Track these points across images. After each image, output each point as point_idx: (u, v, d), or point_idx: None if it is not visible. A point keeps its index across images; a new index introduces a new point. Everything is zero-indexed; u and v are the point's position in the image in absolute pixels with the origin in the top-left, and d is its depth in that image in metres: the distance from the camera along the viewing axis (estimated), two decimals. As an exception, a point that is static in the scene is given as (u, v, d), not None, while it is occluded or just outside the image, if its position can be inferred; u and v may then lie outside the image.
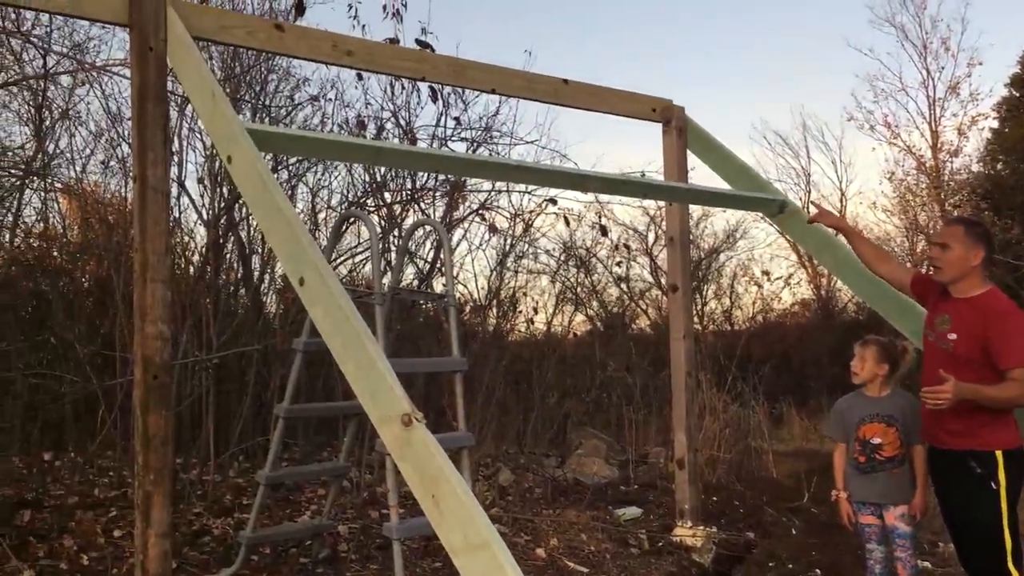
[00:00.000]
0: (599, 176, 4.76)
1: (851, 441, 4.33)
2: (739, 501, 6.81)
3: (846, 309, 20.47)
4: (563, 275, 12.19)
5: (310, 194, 7.61)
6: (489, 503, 6.07)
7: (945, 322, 3.68)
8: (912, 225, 20.65)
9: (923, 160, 20.84)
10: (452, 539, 2.45)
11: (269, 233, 3.31)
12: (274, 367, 6.32)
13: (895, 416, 4.23)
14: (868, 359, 4.37)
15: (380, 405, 2.70)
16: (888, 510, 4.23)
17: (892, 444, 4.20)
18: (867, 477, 4.27)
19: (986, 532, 3.48)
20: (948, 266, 3.63)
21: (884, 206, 21.50)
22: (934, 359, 3.69)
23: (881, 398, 4.33)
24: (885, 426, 4.24)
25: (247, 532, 4.34)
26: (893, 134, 21.42)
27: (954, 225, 3.73)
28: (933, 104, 20.96)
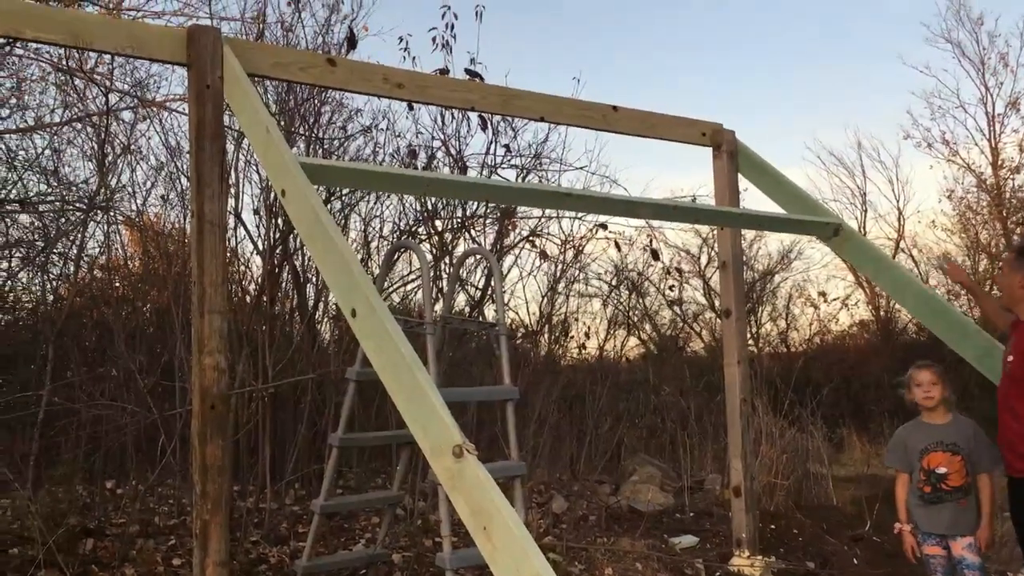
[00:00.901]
0: (650, 202, 4.74)
1: (915, 471, 4.22)
2: (798, 529, 6.67)
3: (906, 330, 20.04)
4: (615, 299, 12.14)
5: (362, 223, 7.70)
6: (542, 531, 6.04)
7: (1009, 344, 3.78)
8: (974, 244, 20.16)
9: (983, 177, 20.37)
10: (505, 572, 2.44)
11: (322, 265, 3.37)
12: (328, 395, 6.38)
13: (960, 444, 4.13)
14: (939, 382, 4.25)
15: (431, 436, 2.72)
16: (955, 540, 4.12)
17: (958, 473, 4.10)
18: (933, 508, 4.17)
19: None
20: (1001, 290, 3.80)
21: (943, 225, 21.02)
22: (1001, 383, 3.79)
23: (945, 425, 4.21)
24: (951, 455, 4.13)
25: (303, 561, 4.37)
26: (951, 152, 20.98)
27: (1008, 252, 3.82)
28: (992, 120, 20.49)
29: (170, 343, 6.12)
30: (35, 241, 7.50)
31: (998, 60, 20.60)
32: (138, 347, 6.54)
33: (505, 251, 8.47)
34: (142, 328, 7.09)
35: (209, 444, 3.78)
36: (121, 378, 6.12)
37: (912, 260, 21.03)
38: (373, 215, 7.76)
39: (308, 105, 6.80)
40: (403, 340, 2.87)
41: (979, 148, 20.76)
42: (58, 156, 7.72)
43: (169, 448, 5.43)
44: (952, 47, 21.75)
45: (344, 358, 6.52)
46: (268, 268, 6.45)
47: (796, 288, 19.66)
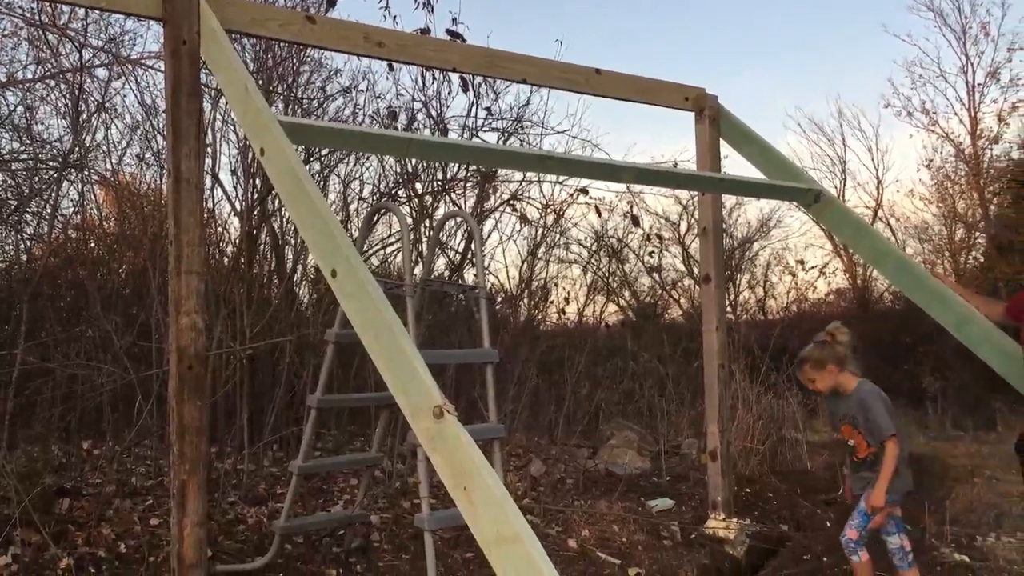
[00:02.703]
0: (632, 166, 4.73)
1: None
2: (773, 493, 6.75)
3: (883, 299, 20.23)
4: (595, 265, 12.16)
5: (342, 185, 7.65)
6: (520, 494, 6.08)
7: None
8: (951, 213, 20.33)
9: (962, 147, 20.47)
10: (484, 532, 2.45)
11: (301, 225, 3.33)
12: (307, 357, 6.36)
13: (857, 418, 4.23)
14: (814, 378, 4.34)
15: (411, 397, 2.71)
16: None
17: (861, 446, 4.24)
18: (855, 477, 4.37)
19: None
20: None
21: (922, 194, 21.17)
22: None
23: (848, 397, 4.30)
24: (852, 428, 4.26)
25: (281, 522, 4.38)
26: (931, 121, 21.07)
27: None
28: (972, 90, 20.56)
29: (146, 304, 6.06)
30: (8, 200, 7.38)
31: (979, 29, 20.62)
32: (114, 308, 6.47)
33: (485, 215, 8.45)
34: (118, 289, 7.02)
35: (187, 404, 3.76)
36: (97, 338, 6.06)
37: (890, 229, 21.19)
38: (352, 177, 7.71)
39: (287, 64, 6.72)
40: (384, 301, 2.85)
41: (959, 118, 20.86)
42: (31, 113, 7.56)
43: (146, 409, 5.39)
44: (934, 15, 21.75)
45: (323, 321, 6.50)
46: (246, 230, 6.40)
47: (774, 256, 19.77)
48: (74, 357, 5.93)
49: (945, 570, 5.24)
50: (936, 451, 10.37)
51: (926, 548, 5.62)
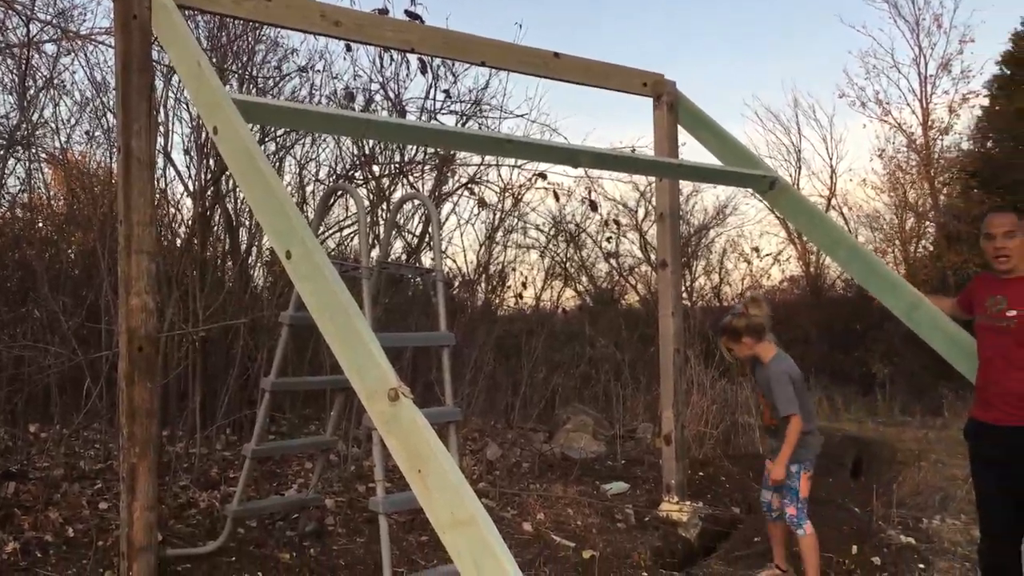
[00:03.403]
0: (590, 151, 4.72)
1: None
2: (726, 477, 6.84)
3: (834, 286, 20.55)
4: (552, 250, 12.18)
5: (297, 166, 7.54)
6: (476, 478, 6.08)
7: (1000, 302, 3.78)
8: (902, 202, 20.70)
9: (913, 137, 20.83)
10: (438, 514, 2.44)
11: (256, 206, 3.28)
12: (261, 340, 6.29)
13: (763, 386, 4.53)
14: (732, 348, 4.58)
15: (367, 380, 2.69)
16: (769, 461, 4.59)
17: (766, 415, 4.57)
18: (769, 442, 4.69)
19: None
20: (1014, 253, 3.77)
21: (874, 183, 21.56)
22: (992, 338, 3.80)
23: (765, 367, 4.52)
24: (763, 397, 4.59)
25: (233, 505, 4.33)
26: (884, 111, 21.43)
27: (1010, 214, 3.84)
28: (924, 81, 20.95)
29: (96, 285, 5.94)
30: (-48, 177, 7.18)
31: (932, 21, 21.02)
32: (62, 289, 6.34)
33: (443, 198, 8.40)
34: (67, 270, 6.87)
35: (137, 386, 3.70)
36: (45, 320, 5.93)
37: (843, 217, 21.52)
38: (309, 158, 7.61)
39: (241, 42, 6.60)
40: (339, 283, 2.82)
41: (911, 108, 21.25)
42: (-25, 89, 7.37)
43: (95, 391, 5.30)
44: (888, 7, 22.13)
45: (278, 303, 6.42)
46: (199, 210, 6.30)
47: (730, 243, 19.99)
48: (20, 338, 5.80)
49: (892, 552, 5.34)
50: (885, 436, 10.60)
51: (873, 531, 5.73)
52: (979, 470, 3.91)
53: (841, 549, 5.28)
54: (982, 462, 3.87)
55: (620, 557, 4.98)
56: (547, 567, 4.66)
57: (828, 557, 5.14)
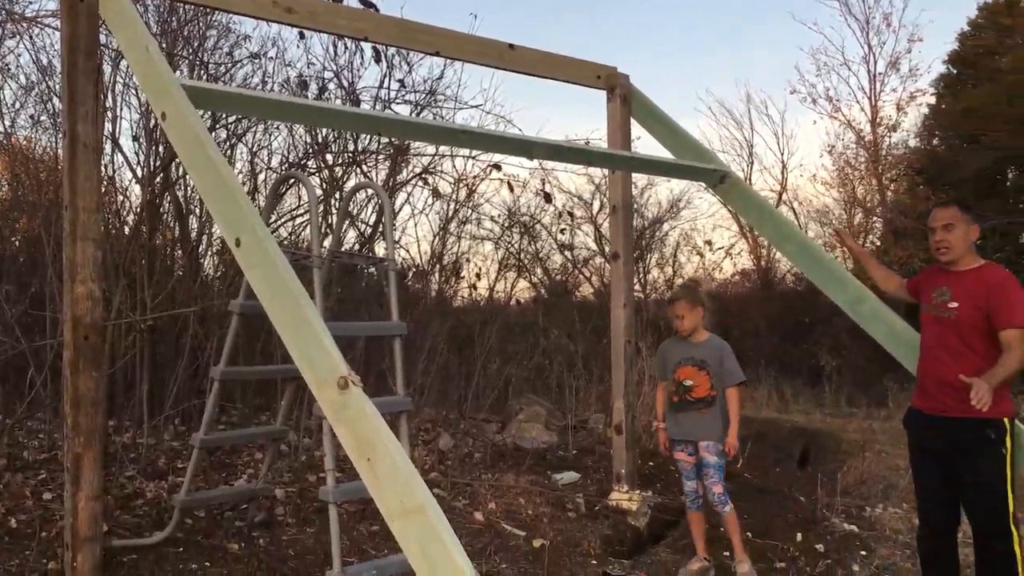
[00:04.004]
0: (544, 143, 4.74)
1: (668, 383, 4.78)
2: (675, 467, 6.90)
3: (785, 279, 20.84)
4: (507, 241, 12.20)
5: (249, 154, 7.46)
6: (428, 468, 6.09)
7: (944, 293, 3.85)
8: (850, 198, 21.02)
9: (862, 134, 21.18)
10: (388, 503, 2.45)
11: (205, 192, 3.24)
12: (211, 330, 6.22)
13: (708, 361, 4.68)
14: (684, 314, 4.74)
15: (316, 368, 2.68)
16: (700, 444, 4.69)
17: (702, 386, 4.65)
18: (680, 415, 4.74)
19: (995, 494, 3.67)
20: (955, 245, 3.83)
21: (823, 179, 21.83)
22: (935, 329, 3.88)
23: (698, 344, 4.74)
24: (697, 370, 4.68)
25: (181, 495, 4.29)
26: (834, 108, 21.71)
27: (951, 207, 3.90)
28: (874, 79, 21.25)
29: (41, 273, 5.83)
30: None
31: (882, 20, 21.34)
32: (6, 276, 6.21)
33: (397, 188, 8.37)
34: (11, 257, 6.73)
35: (82, 375, 3.65)
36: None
37: (793, 212, 21.81)
38: (261, 146, 7.53)
39: (192, 27, 6.51)
40: (289, 270, 2.81)
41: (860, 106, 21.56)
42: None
43: (39, 380, 5.20)
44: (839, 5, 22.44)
45: (228, 292, 6.36)
46: (147, 197, 6.20)
47: (683, 236, 20.17)
48: (-38, 326, 5.67)
49: (835, 539, 5.46)
50: (831, 427, 10.79)
51: (818, 519, 5.85)
52: (919, 460, 3.98)
53: (786, 536, 5.39)
54: (922, 452, 3.95)
55: (570, 546, 5.03)
56: (498, 556, 4.69)
57: (774, 544, 5.25)
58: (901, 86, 24.14)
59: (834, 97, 22.34)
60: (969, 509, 3.79)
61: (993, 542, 3.66)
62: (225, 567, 4.07)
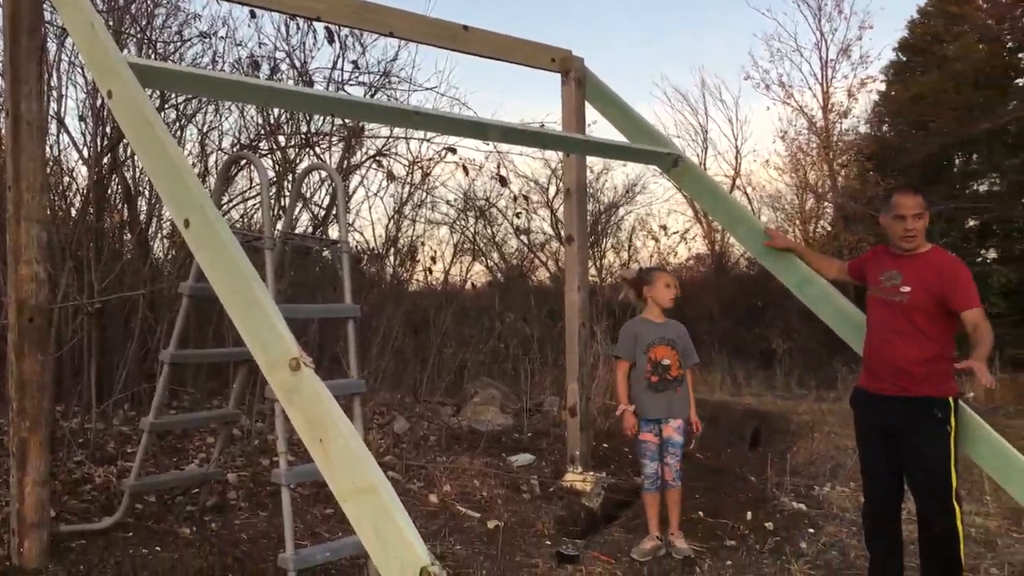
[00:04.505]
0: (498, 125, 4.74)
1: (641, 362, 4.79)
2: (628, 448, 6.98)
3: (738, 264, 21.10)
4: (462, 225, 12.17)
5: (199, 136, 7.34)
6: (383, 451, 6.08)
7: (894, 277, 3.88)
8: (802, 184, 21.31)
9: (814, 120, 21.46)
10: (340, 484, 2.45)
11: (152, 172, 3.19)
12: (161, 313, 6.14)
13: (676, 340, 4.81)
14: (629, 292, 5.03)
15: (268, 350, 2.67)
16: (667, 424, 4.77)
17: (675, 365, 4.78)
18: (659, 395, 4.77)
19: (939, 472, 3.73)
20: (920, 233, 3.87)
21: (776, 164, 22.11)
22: (884, 312, 3.91)
23: (664, 324, 4.87)
24: (670, 349, 4.78)
25: (130, 480, 4.23)
26: (787, 94, 21.97)
27: (919, 195, 3.91)
28: (825, 65, 21.53)
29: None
30: None
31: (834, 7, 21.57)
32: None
33: (351, 170, 8.30)
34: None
35: (27, 359, 3.59)
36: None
37: (747, 197, 22.06)
38: (211, 127, 7.42)
39: (140, 5, 6.38)
40: (239, 251, 2.78)
41: (812, 92, 21.83)
42: None
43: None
44: (793, -9, 22.61)
45: (180, 275, 6.27)
46: (94, 178, 6.09)
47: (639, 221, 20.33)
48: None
49: (784, 517, 5.56)
50: (782, 409, 10.97)
51: (768, 498, 5.96)
52: (865, 438, 4.05)
53: (737, 515, 5.48)
54: (868, 431, 4.01)
55: (524, 526, 5.06)
56: (452, 537, 4.70)
57: (724, 523, 5.33)
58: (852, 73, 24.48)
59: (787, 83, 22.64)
60: (915, 486, 3.86)
61: (937, 518, 3.74)
62: (176, 551, 4.03)
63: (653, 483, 4.82)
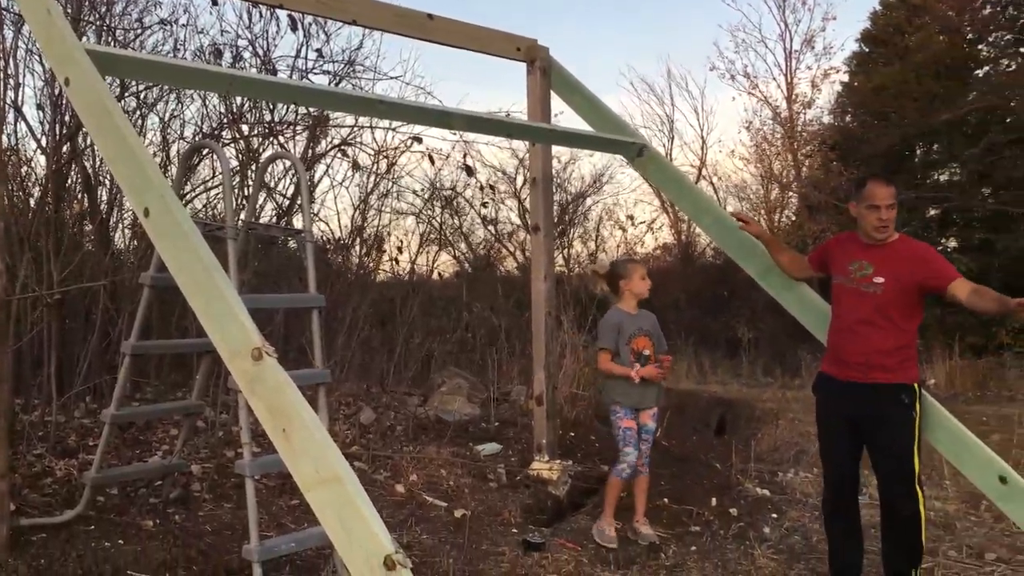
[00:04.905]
0: (463, 114, 4.72)
1: (623, 352, 4.86)
2: (596, 436, 7.02)
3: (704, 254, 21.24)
4: (428, 214, 12.13)
5: (161, 125, 7.24)
6: (349, 442, 6.06)
7: (865, 267, 3.88)
8: (767, 174, 21.51)
9: (778, 111, 21.64)
10: (303, 473, 2.44)
11: (112, 161, 3.14)
12: (123, 305, 6.06)
13: (651, 331, 4.93)
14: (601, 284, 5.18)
15: (230, 340, 2.64)
16: (645, 411, 4.91)
17: (652, 355, 4.89)
18: (643, 384, 4.84)
19: (905, 457, 3.78)
20: (892, 223, 3.88)
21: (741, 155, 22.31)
22: (855, 302, 3.91)
23: (639, 315, 4.98)
24: (647, 339, 4.90)
25: (92, 472, 4.18)
26: (752, 84, 22.13)
27: (891, 186, 3.91)
28: (789, 56, 21.72)
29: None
30: None
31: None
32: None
33: (316, 159, 8.24)
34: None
35: (-16, 351, 3.53)
36: None
37: (712, 187, 22.21)
38: (173, 116, 7.31)
39: (99, -9, 6.27)
40: (200, 240, 2.75)
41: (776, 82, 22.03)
42: None
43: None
44: (757, -18, 22.73)
45: (141, 266, 6.19)
46: (53, 168, 5.99)
47: (606, 211, 20.39)
48: None
49: (748, 503, 5.63)
50: (747, 396, 11.09)
51: (732, 484, 6.03)
52: (830, 425, 4.06)
53: (702, 502, 5.54)
54: (834, 418, 4.02)
55: (491, 515, 5.08)
56: (419, 527, 4.70)
57: (689, 509, 5.38)
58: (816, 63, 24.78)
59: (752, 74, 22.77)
60: (880, 472, 3.90)
61: (903, 503, 3.79)
62: (139, 544, 3.99)
63: (630, 472, 4.87)
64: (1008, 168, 16.27)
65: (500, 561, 4.39)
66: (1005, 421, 7.61)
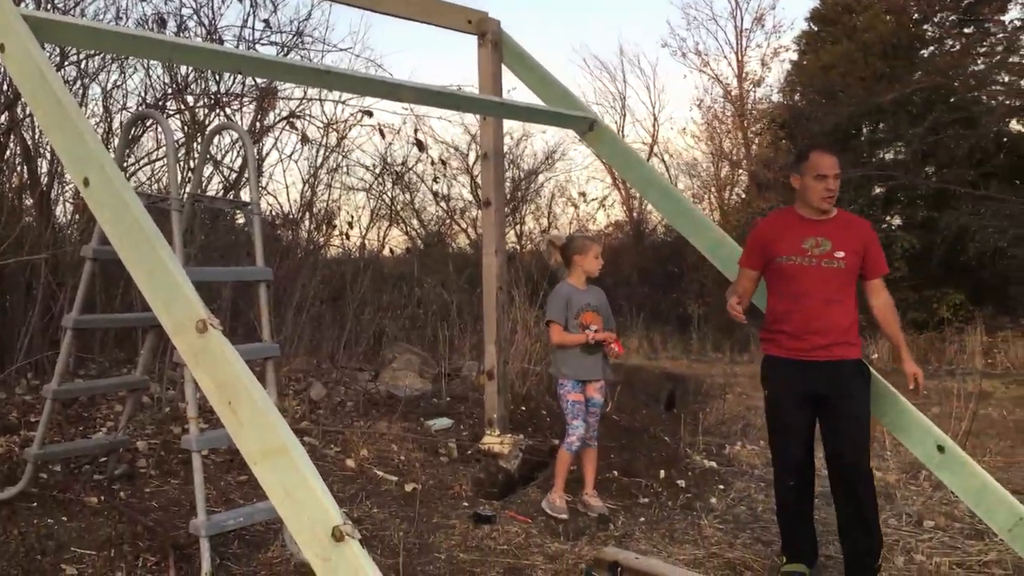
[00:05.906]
0: (412, 86, 4.67)
1: (571, 326, 4.97)
2: (547, 411, 7.06)
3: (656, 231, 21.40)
4: (379, 190, 12.04)
5: (103, 95, 7.06)
6: (299, 417, 6.02)
7: (823, 243, 3.82)
8: (718, 151, 21.72)
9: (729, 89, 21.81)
10: (250, 447, 2.41)
11: (49, 130, 3.05)
12: (65, 278, 5.93)
13: (599, 306, 5.05)
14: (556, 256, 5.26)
15: (173, 312, 2.59)
16: (591, 384, 5.00)
17: (601, 330, 4.98)
18: (590, 357, 4.96)
19: (865, 427, 3.86)
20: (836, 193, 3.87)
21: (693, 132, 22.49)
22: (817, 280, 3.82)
23: (587, 290, 5.10)
24: (595, 314, 5.00)
25: (33, 448, 4.10)
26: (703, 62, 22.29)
27: (834, 155, 3.86)
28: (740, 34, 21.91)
29: None
30: None
31: (748, -25, 21.89)
32: None
33: (264, 132, 8.12)
34: None
35: (-82, 325, 3.43)
36: None
37: (664, 164, 22.36)
38: (116, 86, 7.14)
39: (37, -44, 6.09)
40: (142, 211, 2.69)
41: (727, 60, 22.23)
42: None
43: None
44: (708, -41, 22.83)
45: (84, 239, 6.05)
46: (-9, 138, 5.83)
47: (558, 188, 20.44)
48: None
49: (696, 475, 5.73)
50: (696, 371, 11.25)
51: (680, 456, 6.11)
52: (791, 404, 3.93)
53: (650, 474, 5.62)
54: (795, 396, 3.91)
55: (442, 489, 5.09)
56: (369, 501, 4.70)
57: (638, 481, 5.45)
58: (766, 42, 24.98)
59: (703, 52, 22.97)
60: (843, 443, 3.85)
61: (863, 463, 3.84)
62: (83, 520, 3.93)
63: (581, 443, 4.95)
64: (951, 147, 16.61)
65: (451, 534, 4.41)
66: (945, 394, 7.80)
